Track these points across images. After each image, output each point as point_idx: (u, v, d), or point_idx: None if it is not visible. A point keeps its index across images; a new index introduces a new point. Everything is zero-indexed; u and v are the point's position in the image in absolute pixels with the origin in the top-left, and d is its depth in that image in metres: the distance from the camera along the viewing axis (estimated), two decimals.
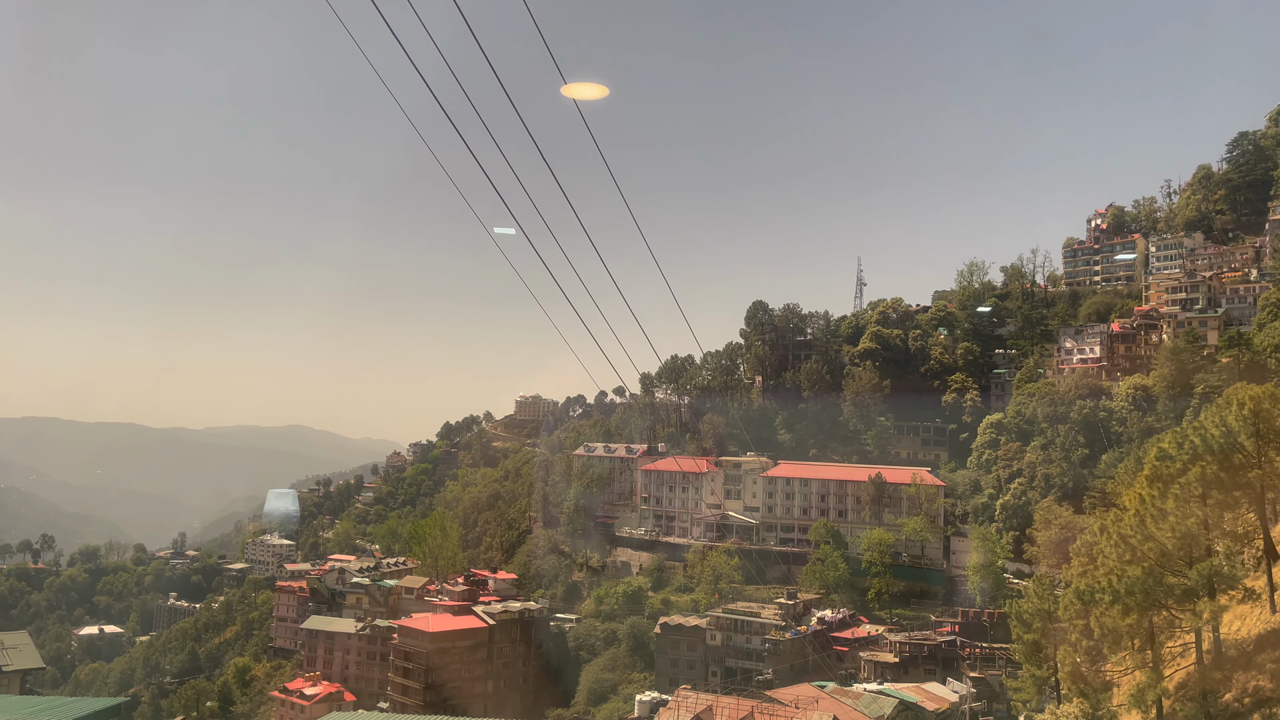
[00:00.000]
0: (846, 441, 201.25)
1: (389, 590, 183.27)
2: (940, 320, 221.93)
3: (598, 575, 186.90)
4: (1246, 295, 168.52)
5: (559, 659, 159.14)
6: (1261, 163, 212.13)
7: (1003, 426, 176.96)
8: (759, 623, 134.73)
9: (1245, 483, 52.21)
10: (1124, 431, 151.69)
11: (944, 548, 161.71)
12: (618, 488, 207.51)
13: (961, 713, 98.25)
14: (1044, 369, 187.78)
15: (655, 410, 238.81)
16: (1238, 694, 48.11)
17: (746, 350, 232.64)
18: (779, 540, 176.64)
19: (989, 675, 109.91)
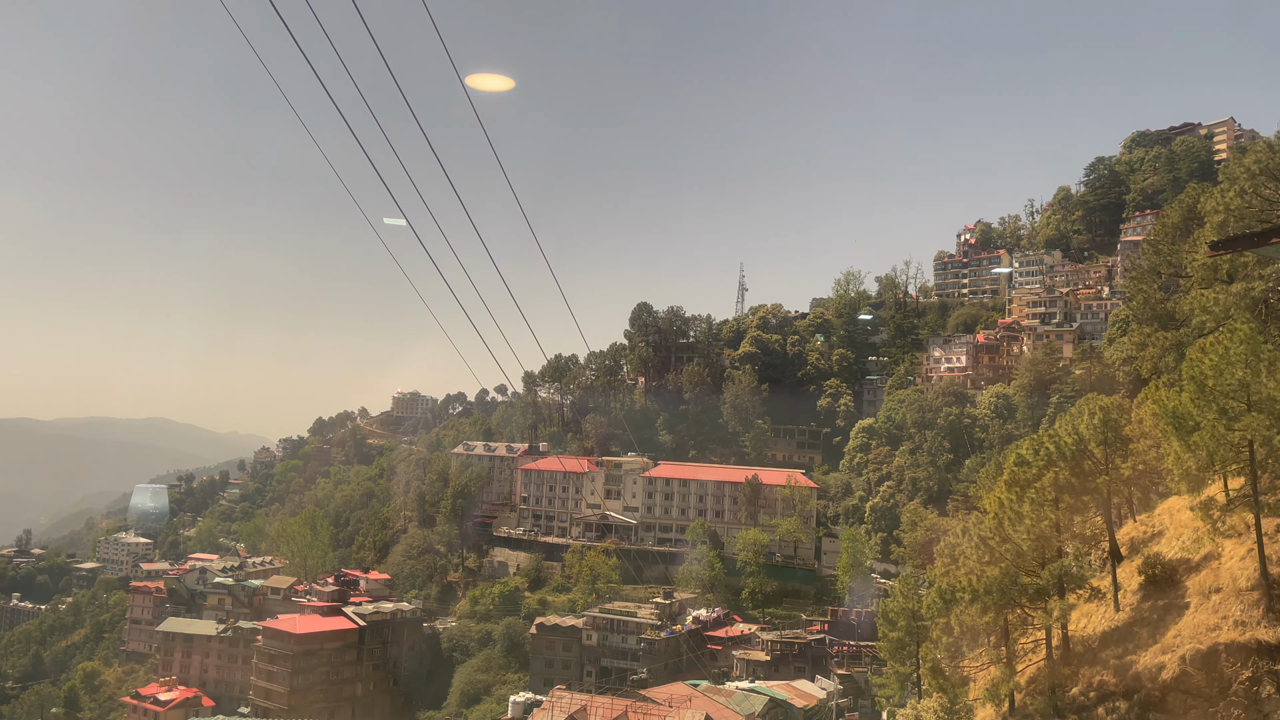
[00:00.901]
0: (725, 443, 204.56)
1: (254, 591, 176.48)
2: (817, 327, 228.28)
3: (474, 576, 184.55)
4: (1099, 311, 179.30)
5: (432, 660, 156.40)
6: (1115, 186, 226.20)
7: (874, 431, 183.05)
8: (635, 622, 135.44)
9: (1094, 488, 55.39)
10: (986, 438, 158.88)
11: (816, 548, 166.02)
12: (497, 487, 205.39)
13: (829, 709, 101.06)
14: (914, 376, 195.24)
15: (537, 409, 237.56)
16: (1083, 688, 50.95)
17: (630, 351, 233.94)
18: (657, 540, 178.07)
19: (855, 672, 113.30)
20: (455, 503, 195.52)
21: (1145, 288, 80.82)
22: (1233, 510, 51.81)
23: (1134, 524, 68.73)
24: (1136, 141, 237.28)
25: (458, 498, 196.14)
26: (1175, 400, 51.37)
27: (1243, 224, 59.54)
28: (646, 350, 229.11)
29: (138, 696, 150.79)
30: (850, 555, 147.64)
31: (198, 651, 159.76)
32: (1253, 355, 45.88)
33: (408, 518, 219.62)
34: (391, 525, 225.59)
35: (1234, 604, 47.23)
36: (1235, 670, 44.04)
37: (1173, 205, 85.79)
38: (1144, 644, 50.36)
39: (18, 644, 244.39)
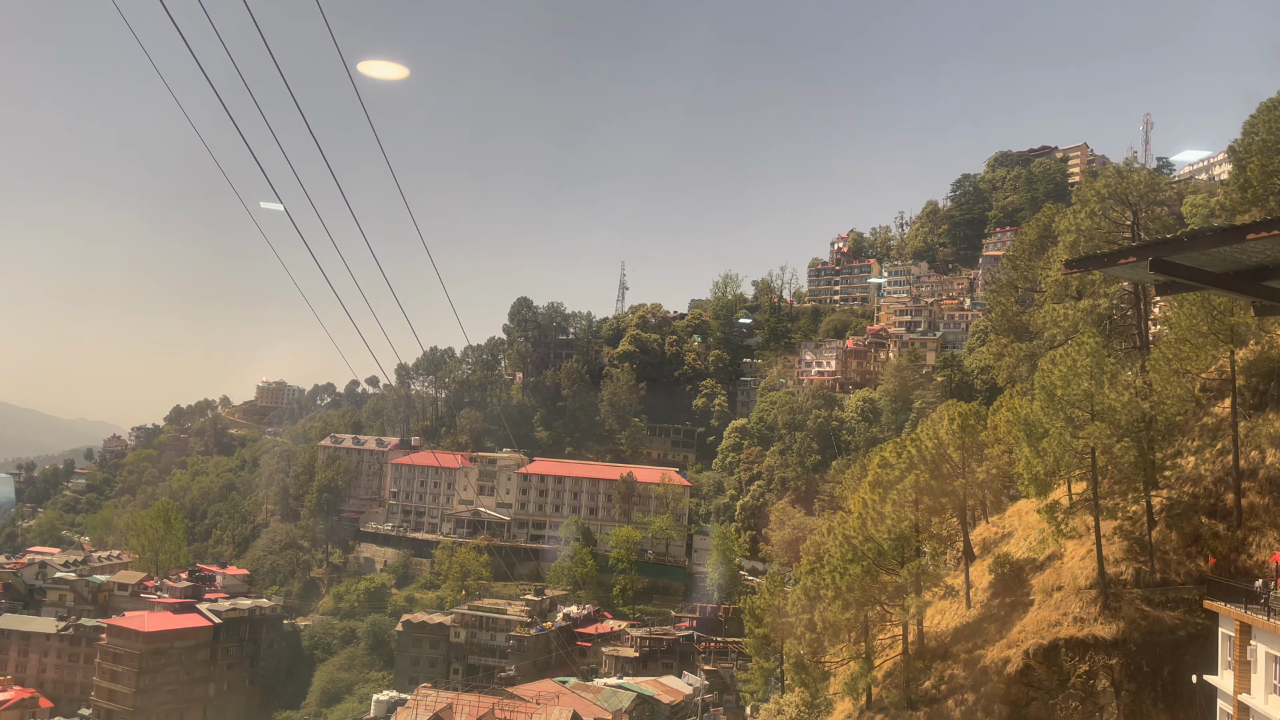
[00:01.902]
0: (602, 440, 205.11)
1: (99, 586, 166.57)
2: (695, 328, 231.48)
3: (339, 572, 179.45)
4: (961, 321, 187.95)
5: (292, 659, 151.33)
6: (979, 203, 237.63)
7: (746, 431, 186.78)
8: (504, 619, 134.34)
9: (951, 490, 57.91)
10: (852, 440, 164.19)
11: (687, 545, 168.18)
12: (366, 482, 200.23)
13: (695, 704, 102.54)
14: (786, 379, 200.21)
15: (410, 403, 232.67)
16: (935, 682, 53.24)
17: (509, 346, 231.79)
18: (530, 537, 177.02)
19: (722, 668, 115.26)
20: (321, 497, 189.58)
21: (1003, 300, 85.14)
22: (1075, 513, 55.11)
23: (986, 525, 72.27)
24: (999, 161, 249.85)
25: (324, 491, 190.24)
26: (1027, 408, 54.25)
27: (1092, 243, 63.32)
28: (525, 346, 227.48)
29: None
30: (720, 553, 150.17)
31: (35, 650, 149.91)
32: (1097, 368, 48.87)
33: (270, 511, 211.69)
34: (252, 519, 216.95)
35: (1074, 601, 50.19)
36: (1074, 664, 46.79)
37: (1030, 223, 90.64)
38: (992, 639, 52.99)
39: None
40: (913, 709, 52.31)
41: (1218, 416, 56.23)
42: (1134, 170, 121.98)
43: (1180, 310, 52.34)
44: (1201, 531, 50.02)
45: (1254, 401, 54.89)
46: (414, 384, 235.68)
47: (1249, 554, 47.07)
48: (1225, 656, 38.18)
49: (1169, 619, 46.31)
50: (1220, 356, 52.02)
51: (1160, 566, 49.70)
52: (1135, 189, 66.44)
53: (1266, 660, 34.69)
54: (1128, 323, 67.26)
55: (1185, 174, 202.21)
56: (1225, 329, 49.06)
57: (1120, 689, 44.82)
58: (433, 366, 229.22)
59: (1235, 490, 49.76)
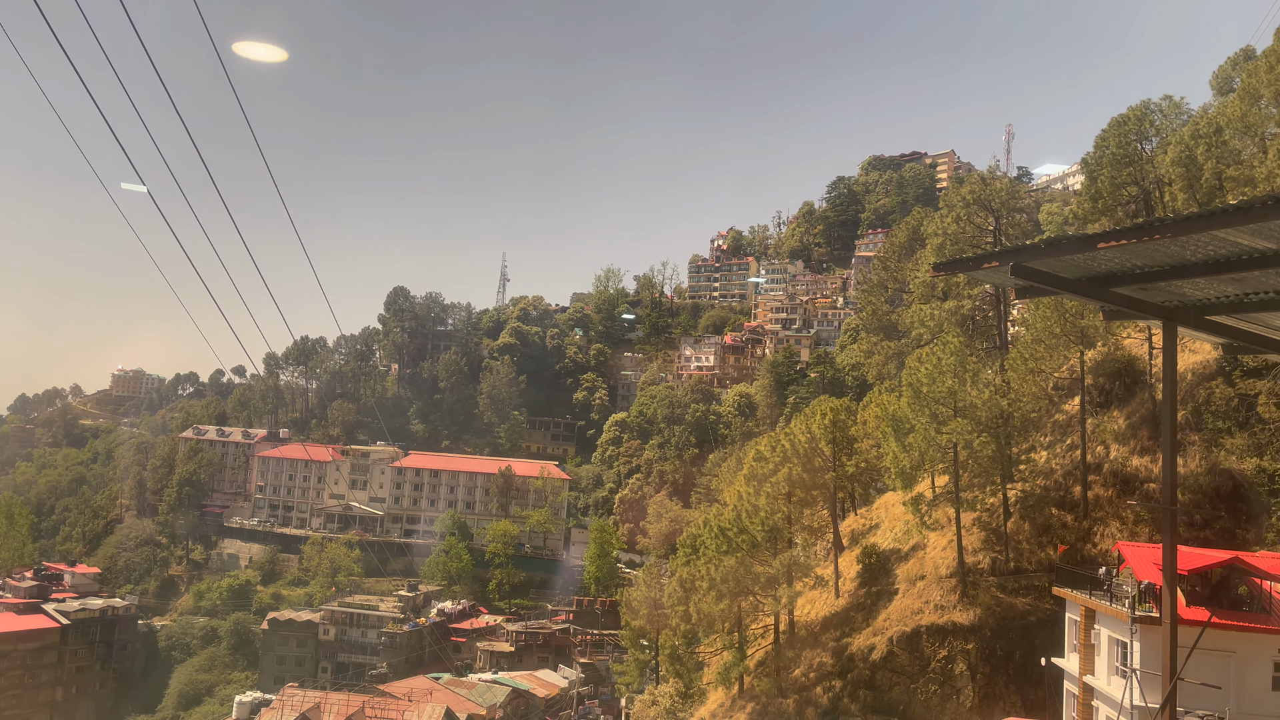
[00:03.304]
0: (480, 434, 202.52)
1: None
2: (577, 321, 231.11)
3: (200, 569, 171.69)
4: (834, 319, 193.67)
5: (148, 660, 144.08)
6: (853, 205, 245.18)
7: (626, 425, 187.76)
8: (376, 615, 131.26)
9: (823, 483, 59.55)
10: (729, 434, 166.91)
11: (565, 539, 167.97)
12: (230, 475, 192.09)
13: (570, 697, 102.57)
14: (666, 373, 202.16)
15: (279, 394, 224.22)
16: (805, 669, 54.68)
17: (384, 337, 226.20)
18: (404, 532, 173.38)
19: (598, 660, 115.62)
20: (182, 491, 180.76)
21: (874, 300, 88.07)
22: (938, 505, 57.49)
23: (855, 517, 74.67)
24: (872, 165, 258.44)
25: (185, 485, 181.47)
26: (895, 405, 56.26)
27: (957, 247, 66.12)
28: (401, 336, 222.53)
29: None
30: (598, 546, 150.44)
31: None
32: (960, 366, 51.04)
33: (125, 506, 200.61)
34: (105, 515, 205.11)
35: (935, 590, 52.37)
36: (934, 649, 48.81)
37: (900, 226, 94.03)
38: (859, 627, 54.78)
39: None
40: (783, 696, 53.61)
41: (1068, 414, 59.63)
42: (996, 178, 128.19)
43: (1036, 313, 55.22)
44: (1052, 522, 52.98)
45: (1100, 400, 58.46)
46: (283, 374, 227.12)
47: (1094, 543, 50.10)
48: (1072, 640, 40.40)
49: (1021, 605, 48.87)
50: (1071, 357, 55.13)
51: (1014, 555, 52.41)
52: (997, 196, 69.77)
53: (1109, 643, 36.90)
54: (989, 323, 70.62)
55: (1042, 183, 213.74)
56: (1076, 331, 52.00)
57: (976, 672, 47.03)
58: (303, 356, 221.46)
59: (1083, 483, 52.91)
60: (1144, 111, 66.47)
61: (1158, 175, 64.37)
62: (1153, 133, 66.32)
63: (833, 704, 50.52)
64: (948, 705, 46.47)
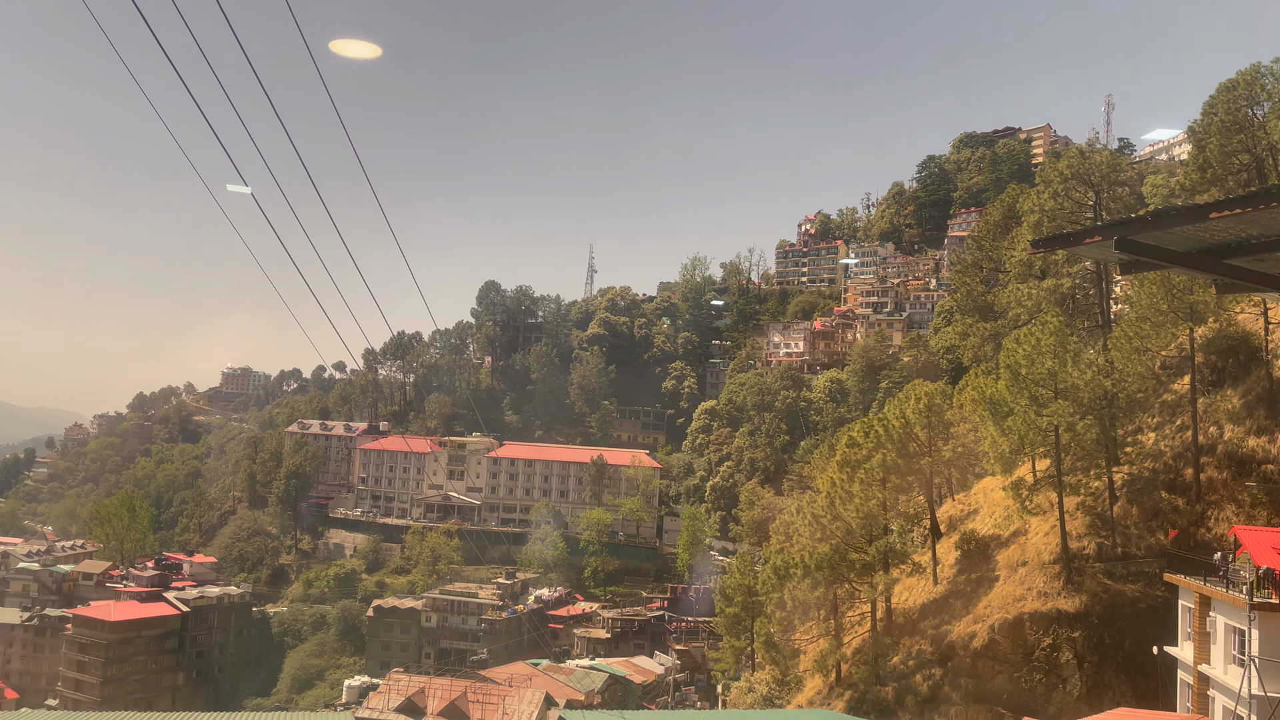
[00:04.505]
0: (572, 423, 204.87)
1: (63, 576, 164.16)
2: (664, 310, 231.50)
3: (308, 558, 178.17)
4: (926, 302, 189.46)
5: (262, 646, 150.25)
6: (944, 184, 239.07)
7: (715, 413, 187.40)
8: (476, 603, 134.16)
9: (918, 469, 58.51)
10: (820, 420, 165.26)
11: (658, 527, 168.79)
12: (334, 467, 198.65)
13: (666, 684, 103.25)
14: (754, 360, 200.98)
15: (379, 388, 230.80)
16: (903, 657, 53.91)
17: (477, 330, 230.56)
18: (500, 521, 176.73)
19: (693, 648, 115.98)
20: (289, 483, 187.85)
21: (968, 281, 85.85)
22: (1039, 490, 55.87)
23: (953, 502, 73.14)
24: (964, 142, 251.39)
25: (291, 478, 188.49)
26: (992, 387, 54.86)
27: (1055, 224, 63.98)
28: (494, 329, 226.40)
29: None
30: (690, 534, 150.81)
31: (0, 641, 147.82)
32: (1060, 346, 49.45)
33: (237, 499, 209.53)
34: (219, 506, 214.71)
35: (1038, 576, 50.97)
36: (1038, 637, 47.56)
37: (994, 204, 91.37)
38: (958, 614, 53.70)
39: None
40: (881, 684, 52.98)
41: (1177, 393, 57.20)
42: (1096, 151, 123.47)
43: (1141, 289, 53.08)
44: (1162, 506, 50.95)
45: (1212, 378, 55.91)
46: (382, 369, 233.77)
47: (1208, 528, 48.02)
48: (1185, 628, 38.95)
49: (1130, 592, 47.20)
50: (1180, 334, 52.87)
51: (1122, 541, 50.61)
52: (1097, 169, 67.16)
53: (1225, 631, 35.45)
54: (1090, 302, 68.13)
55: (1145, 155, 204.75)
56: (1185, 307, 49.83)
57: (1083, 661, 45.67)
58: (400, 351, 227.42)
59: (1194, 465, 50.72)
60: (1254, 75, 63.14)
61: (1270, 142, 61.09)
62: (1264, 97, 62.96)
63: (933, 692, 49.73)
64: (1053, 695, 45.27)
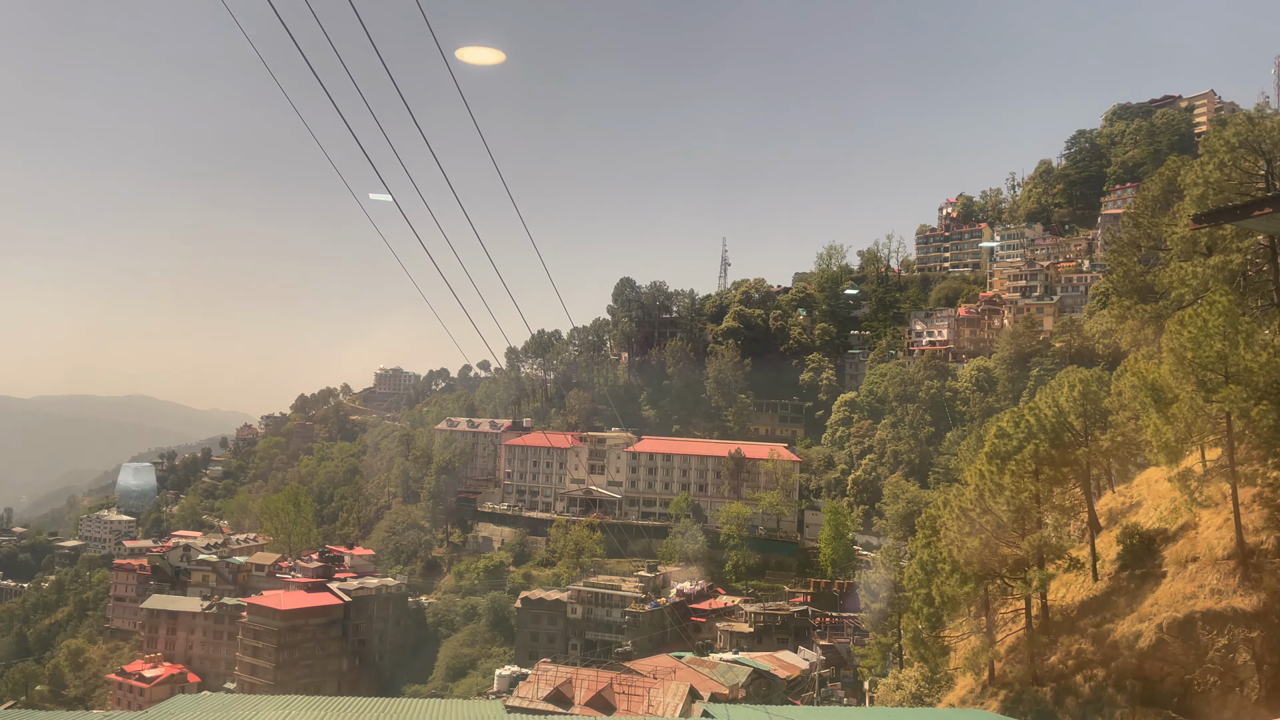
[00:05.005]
0: (709, 418, 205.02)
1: (238, 567, 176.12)
2: (800, 301, 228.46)
3: (458, 551, 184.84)
4: (1079, 284, 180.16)
5: (417, 635, 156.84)
6: (1096, 159, 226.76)
7: (856, 405, 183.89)
8: (619, 595, 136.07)
9: (1073, 460, 55.79)
10: (967, 410, 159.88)
11: (799, 521, 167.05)
12: (480, 463, 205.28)
13: (811, 679, 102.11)
14: (895, 350, 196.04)
15: (520, 385, 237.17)
16: (1062, 656, 51.57)
17: (613, 327, 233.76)
18: (641, 514, 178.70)
19: (838, 643, 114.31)
20: (439, 479, 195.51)
21: (1125, 260, 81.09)
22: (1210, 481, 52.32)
23: (1113, 495, 69.42)
24: (1117, 114, 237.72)
25: (441, 474, 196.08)
26: (1154, 373, 51.72)
27: (1221, 197, 59.71)
28: (629, 325, 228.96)
29: (123, 674, 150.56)
30: (832, 528, 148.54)
31: (182, 628, 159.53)
32: (1231, 328, 46.15)
33: (391, 494, 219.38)
34: (375, 501, 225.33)
35: (1210, 573, 47.79)
36: (1211, 638, 44.61)
37: (1153, 178, 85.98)
38: (1122, 613, 50.94)
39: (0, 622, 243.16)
40: (1039, 684, 50.87)
41: None
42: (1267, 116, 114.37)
43: None
44: None
45: None
46: (523, 367, 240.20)
47: None
48: None
49: None
50: None
51: None
52: (1269, 136, 62.15)
53: None
54: (1263, 278, 63.18)
55: None
56: None
57: (1262, 663, 42.59)
58: (540, 349, 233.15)
59: None
60: None
61: None
62: None
63: (1095, 694, 47.35)
64: (1229, 698, 42.38)
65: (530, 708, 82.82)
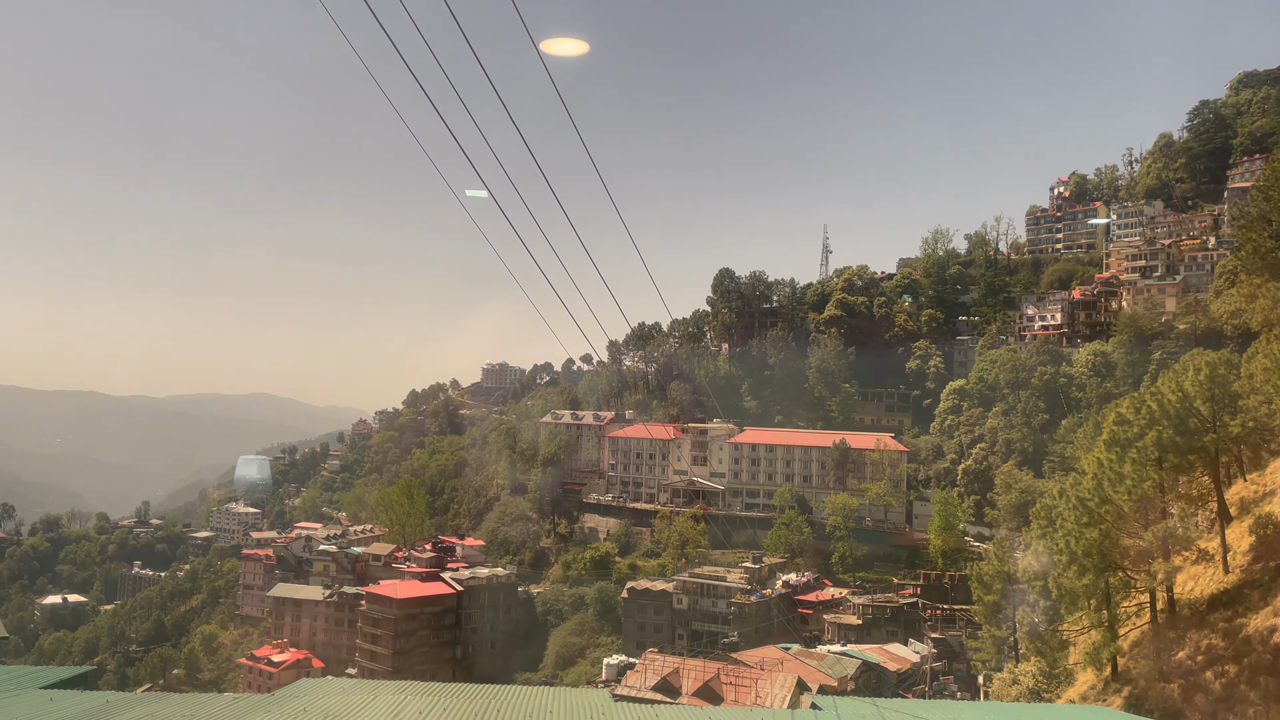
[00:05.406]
0: (812, 408, 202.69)
1: (356, 557, 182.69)
2: (905, 287, 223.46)
3: (565, 542, 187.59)
4: (1204, 262, 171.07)
5: (527, 624, 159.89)
6: (1221, 131, 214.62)
7: (965, 393, 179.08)
8: (725, 586, 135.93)
9: (1200, 446, 53.12)
10: (1083, 397, 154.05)
11: (907, 512, 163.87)
12: (585, 455, 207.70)
13: (922, 672, 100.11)
14: (1006, 335, 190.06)
15: (622, 377, 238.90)
16: (1190, 652, 49.25)
17: (713, 317, 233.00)
18: (745, 505, 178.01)
19: (949, 636, 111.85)
20: (545, 470, 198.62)
21: (1255, 236, 76.56)
22: None
23: (1244, 483, 65.86)
24: (1243, 83, 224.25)
25: (547, 465, 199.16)
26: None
27: None
28: (729, 316, 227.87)
29: (253, 658, 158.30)
30: (942, 519, 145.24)
31: (306, 615, 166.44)
32: None
33: (500, 486, 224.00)
34: (485, 493, 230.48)
35: None
36: None
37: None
38: (1255, 606, 48.35)
39: (140, 609, 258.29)
40: (1165, 681, 48.70)
41: None
42: None
43: None
44: None
45: None
46: (625, 359, 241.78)
47: None
48: None
49: None
50: None
51: None
52: None
53: None
54: None
55: None
56: None
57: None
58: (641, 342, 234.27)
59: None
60: None
61: None
62: None
63: (1226, 691, 45.07)
64: None
65: (638, 696, 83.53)
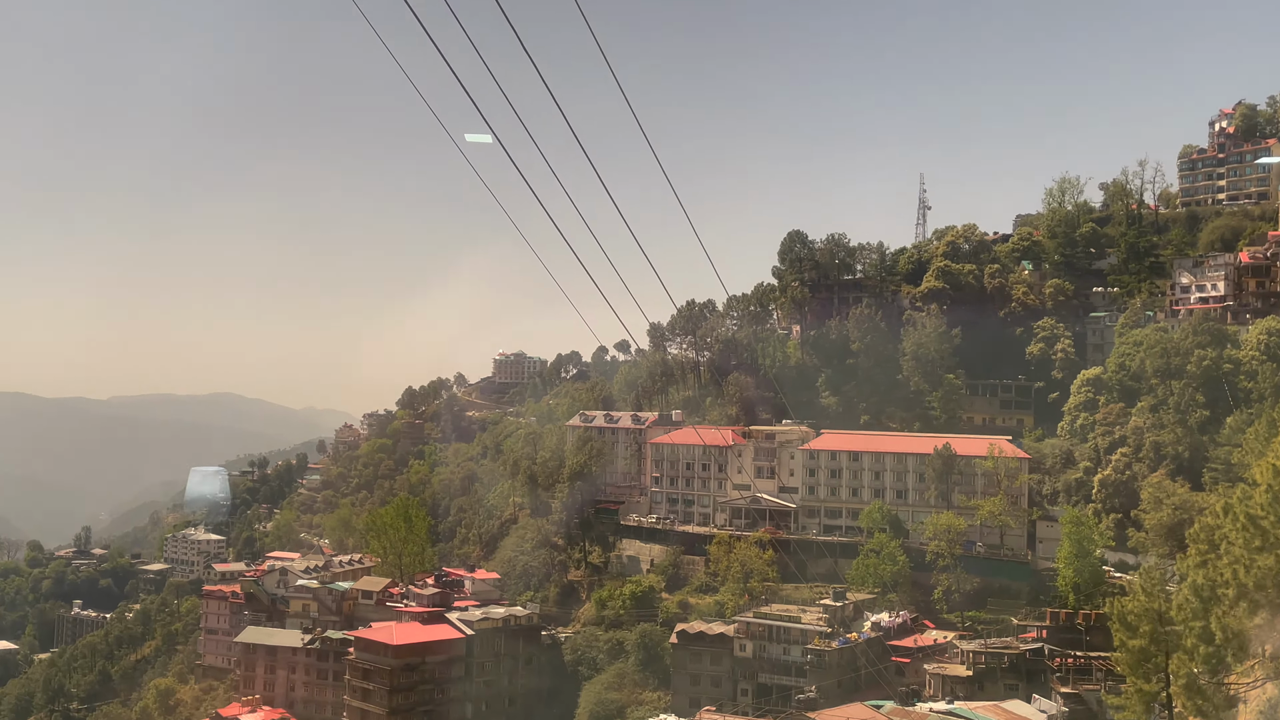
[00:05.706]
0: (907, 405, 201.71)
1: (342, 594, 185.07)
2: (1024, 252, 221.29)
3: (599, 573, 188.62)
4: None
5: (553, 675, 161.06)
6: None
7: (1102, 384, 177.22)
8: (799, 629, 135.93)
9: None
10: (1254, 388, 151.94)
11: (1029, 535, 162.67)
12: (623, 465, 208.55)
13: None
14: (1154, 311, 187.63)
15: (667, 369, 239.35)
16: None
17: (781, 293, 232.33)
18: (823, 528, 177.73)
19: (1085, 690, 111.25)
20: (573, 485, 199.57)
21: None
22: None
23: None
24: None
25: (575, 479, 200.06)
26: None
27: None
28: (801, 291, 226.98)
29: (218, 718, 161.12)
30: (1075, 542, 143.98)
31: (282, 665, 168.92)
32: None
33: (518, 505, 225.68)
34: (499, 514, 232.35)
35: None
36: None
37: None
38: None
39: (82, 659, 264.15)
40: None
41: None
42: None
43: None
44: None
45: None
46: (670, 347, 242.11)
47: None
48: None
49: None
50: None
51: None
52: None
53: None
54: None
55: None
56: None
57: None
58: (691, 324, 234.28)
59: None
60: None
61: None
62: None
63: None
64: None
65: None
